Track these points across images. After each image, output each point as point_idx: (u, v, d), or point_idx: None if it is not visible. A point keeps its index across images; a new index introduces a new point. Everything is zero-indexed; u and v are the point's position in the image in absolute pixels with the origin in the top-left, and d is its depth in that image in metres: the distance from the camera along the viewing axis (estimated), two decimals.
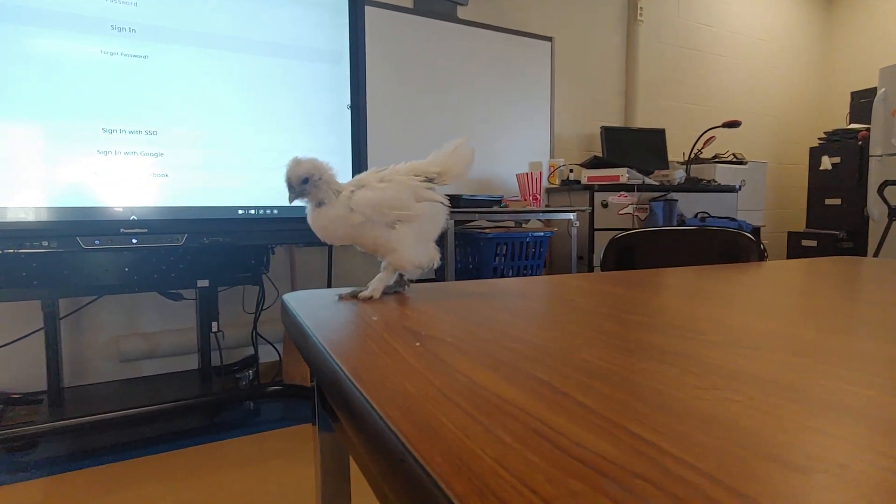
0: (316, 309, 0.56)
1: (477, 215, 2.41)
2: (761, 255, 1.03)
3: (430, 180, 0.67)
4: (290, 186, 0.65)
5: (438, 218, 0.67)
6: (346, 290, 0.66)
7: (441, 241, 0.71)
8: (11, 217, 1.60)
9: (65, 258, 1.83)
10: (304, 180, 0.64)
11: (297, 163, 0.65)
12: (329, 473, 0.60)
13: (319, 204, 0.64)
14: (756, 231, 3.32)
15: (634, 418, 0.28)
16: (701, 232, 1.11)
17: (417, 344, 0.41)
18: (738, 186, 3.19)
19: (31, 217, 1.63)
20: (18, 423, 1.86)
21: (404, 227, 0.64)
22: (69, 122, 1.68)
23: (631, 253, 1.11)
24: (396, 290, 0.68)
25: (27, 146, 1.64)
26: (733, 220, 2.94)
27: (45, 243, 1.63)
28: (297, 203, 0.67)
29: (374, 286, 0.65)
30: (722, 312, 0.55)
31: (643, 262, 1.08)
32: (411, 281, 0.69)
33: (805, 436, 0.26)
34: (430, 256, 0.66)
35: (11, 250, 1.57)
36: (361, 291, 0.65)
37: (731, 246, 1.04)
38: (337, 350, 0.38)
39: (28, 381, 2.11)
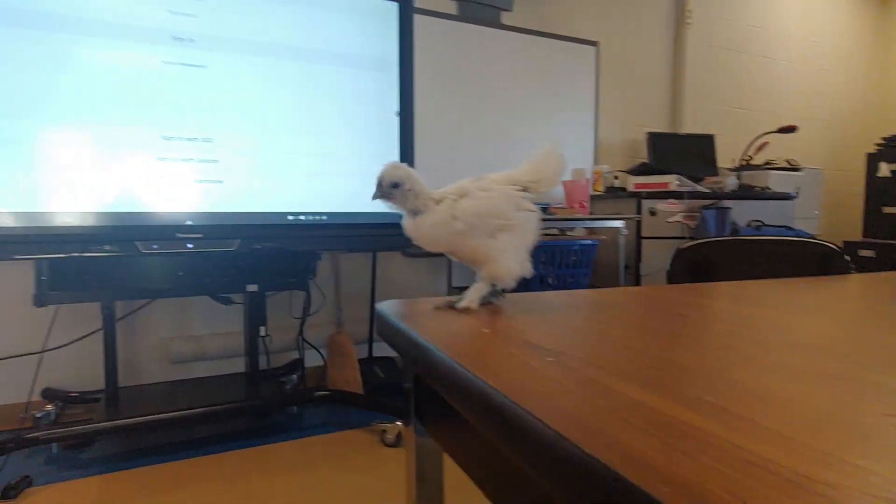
0: (419, 320, 0.55)
1: None
2: (849, 268, 0.97)
3: (525, 189, 0.65)
4: (380, 185, 0.65)
5: (534, 227, 0.66)
6: (440, 300, 0.65)
7: None
8: (76, 221, 1.65)
9: (123, 262, 1.87)
10: (393, 184, 0.64)
11: (394, 166, 0.66)
12: (424, 476, 0.59)
13: (416, 213, 0.63)
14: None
15: (849, 448, 0.25)
16: (784, 243, 1.05)
17: (549, 359, 0.39)
18: (794, 194, 3.07)
19: (93, 222, 1.67)
20: (77, 421, 1.91)
21: (504, 236, 0.63)
22: (131, 130, 1.72)
23: (705, 264, 1.07)
24: (489, 300, 0.66)
25: (92, 153, 1.69)
26: (790, 228, 2.84)
27: (106, 247, 1.67)
28: (376, 204, 0.67)
29: (471, 297, 0.63)
30: (855, 330, 0.52)
31: (722, 274, 1.04)
32: (504, 292, 0.67)
33: None
34: (524, 267, 0.65)
35: (76, 254, 1.62)
36: (458, 302, 0.63)
37: (820, 258, 0.98)
38: (474, 367, 0.36)
39: (84, 380, 2.17)
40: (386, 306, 0.61)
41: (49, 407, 2.02)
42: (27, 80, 1.59)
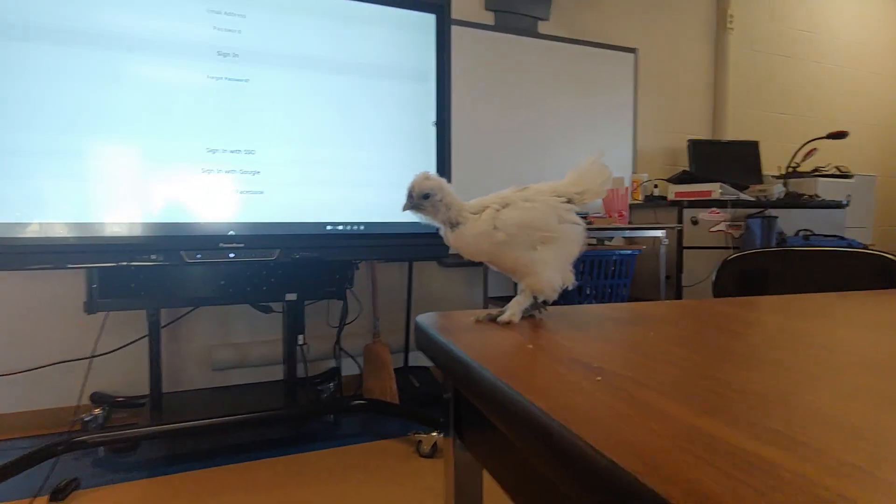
0: (459, 334, 0.54)
1: None
2: None
3: (569, 201, 0.64)
4: (410, 196, 0.65)
5: (578, 241, 0.65)
6: (481, 313, 0.64)
7: None
8: (125, 232, 1.71)
9: (169, 271, 1.93)
10: (424, 195, 0.64)
11: (425, 177, 0.65)
12: (462, 490, 0.57)
13: (453, 224, 0.63)
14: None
15: None
16: (839, 254, 1.00)
17: (598, 378, 0.37)
18: (844, 202, 2.94)
19: (141, 232, 1.73)
20: (123, 425, 1.97)
21: (546, 248, 0.61)
22: (178, 143, 1.78)
23: (755, 275, 1.02)
24: (531, 313, 0.65)
25: (141, 165, 1.75)
26: (842, 238, 2.71)
27: (153, 257, 1.72)
28: (410, 214, 0.66)
29: (512, 310, 0.62)
30: None
31: (773, 287, 0.99)
32: (546, 305, 0.65)
33: None
34: (567, 279, 0.63)
35: (125, 263, 1.67)
36: (499, 315, 0.62)
37: (879, 270, 0.92)
38: (520, 386, 0.35)
39: (130, 385, 2.24)
40: (425, 319, 0.60)
41: (97, 411, 2.09)
42: (81, 96, 1.67)
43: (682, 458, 0.25)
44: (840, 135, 2.98)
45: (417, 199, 0.64)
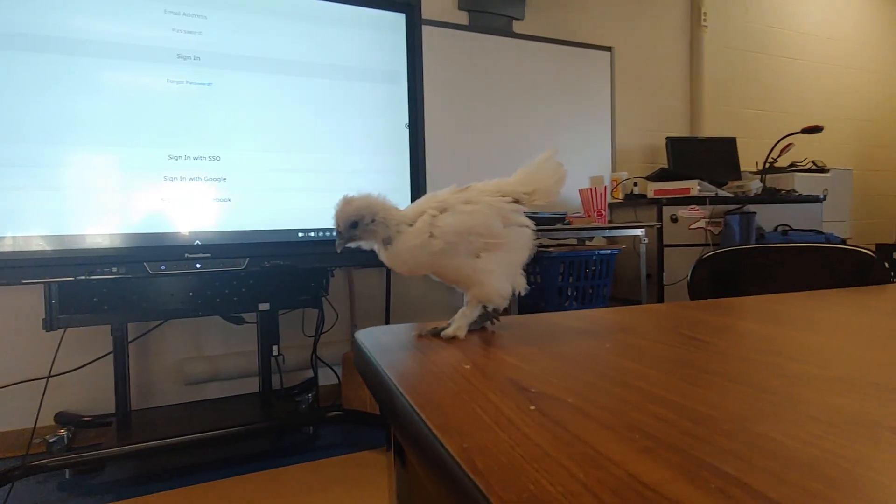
0: (395, 352, 0.48)
1: (540, 233, 2.31)
2: (889, 277, 0.88)
3: (516, 201, 0.58)
4: (338, 233, 0.55)
5: (527, 244, 0.59)
6: (425, 327, 0.58)
7: None
8: (83, 244, 1.64)
9: (133, 284, 1.86)
10: (352, 224, 0.54)
11: (346, 202, 0.55)
12: None
13: (387, 242, 0.55)
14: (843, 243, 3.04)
15: None
16: (814, 251, 0.96)
17: (532, 408, 0.32)
18: (821, 196, 2.94)
19: (101, 244, 1.66)
20: (89, 445, 1.89)
21: (490, 255, 0.55)
22: (137, 150, 1.71)
23: (729, 274, 0.99)
24: (481, 325, 0.59)
25: (99, 174, 1.67)
26: (820, 233, 2.71)
27: (114, 269, 1.65)
28: (351, 246, 0.57)
29: (458, 324, 0.56)
30: None
31: (747, 285, 0.95)
32: (498, 314, 0.60)
33: None
34: (517, 285, 0.58)
35: (84, 277, 1.60)
36: (443, 329, 0.56)
37: (856, 266, 0.89)
38: (436, 421, 0.30)
39: (97, 403, 2.15)
40: (364, 335, 0.55)
41: (62, 432, 2.00)
42: (31, 104, 1.59)
43: None
44: (815, 129, 2.98)
45: (346, 230, 0.55)
